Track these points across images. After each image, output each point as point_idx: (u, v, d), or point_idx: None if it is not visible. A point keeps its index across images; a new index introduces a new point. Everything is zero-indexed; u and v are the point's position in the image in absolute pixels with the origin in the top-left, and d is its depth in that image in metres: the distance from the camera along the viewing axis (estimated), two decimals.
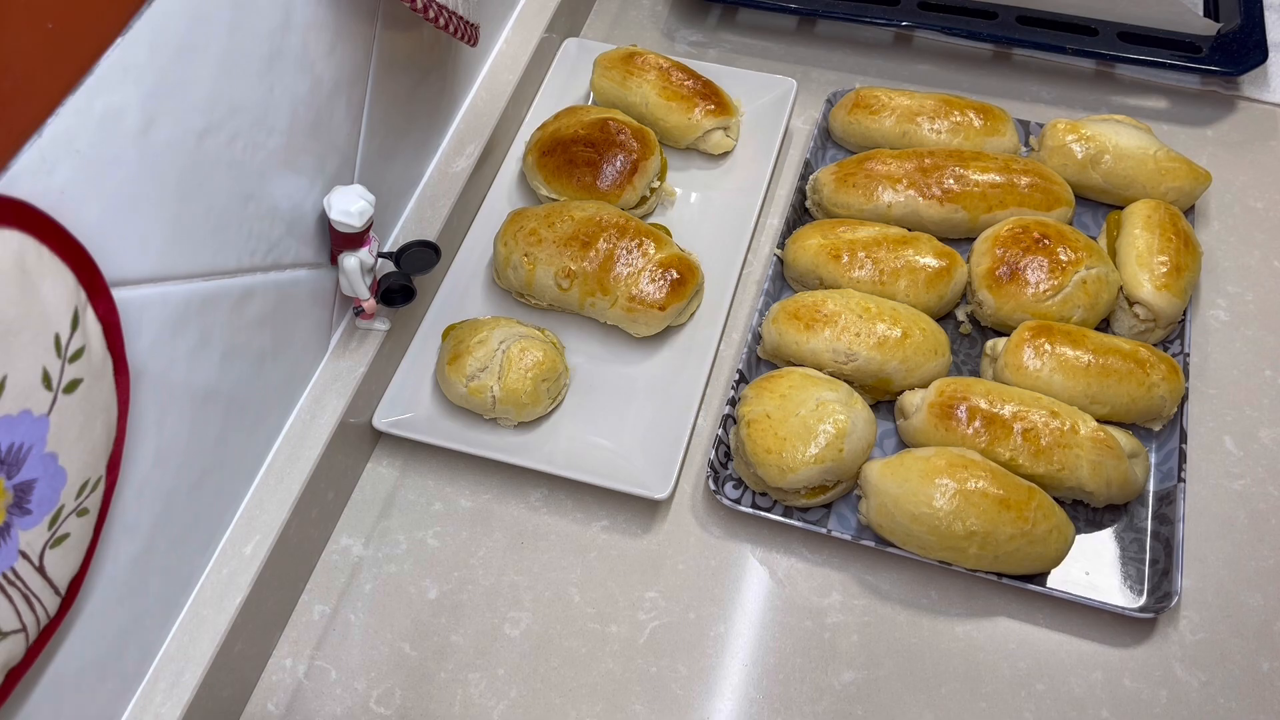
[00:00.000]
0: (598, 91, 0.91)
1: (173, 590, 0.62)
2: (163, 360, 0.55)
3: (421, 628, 0.69)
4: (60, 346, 0.44)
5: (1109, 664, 0.66)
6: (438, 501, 0.75)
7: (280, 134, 0.60)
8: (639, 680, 0.67)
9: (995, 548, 0.65)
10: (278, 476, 0.69)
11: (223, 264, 0.58)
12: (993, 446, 0.69)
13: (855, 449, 0.69)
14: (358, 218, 0.65)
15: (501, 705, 0.66)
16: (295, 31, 0.59)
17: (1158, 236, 0.77)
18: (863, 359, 0.73)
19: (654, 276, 0.77)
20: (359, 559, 0.72)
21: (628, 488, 0.71)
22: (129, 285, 0.51)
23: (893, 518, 0.67)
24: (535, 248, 0.78)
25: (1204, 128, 0.92)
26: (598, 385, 0.78)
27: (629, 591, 0.70)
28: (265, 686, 0.67)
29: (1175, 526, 0.67)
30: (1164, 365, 0.72)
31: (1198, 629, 0.67)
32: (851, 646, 0.67)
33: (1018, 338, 0.73)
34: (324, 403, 0.72)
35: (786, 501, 0.71)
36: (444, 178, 0.83)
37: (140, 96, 0.48)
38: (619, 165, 0.83)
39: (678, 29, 1.03)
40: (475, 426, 0.76)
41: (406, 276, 0.73)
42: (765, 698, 0.66)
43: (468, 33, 0.72)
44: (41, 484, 0.45)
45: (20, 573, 0.45)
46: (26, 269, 0.42)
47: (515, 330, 0.76)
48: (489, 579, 0.71)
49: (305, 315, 0.69)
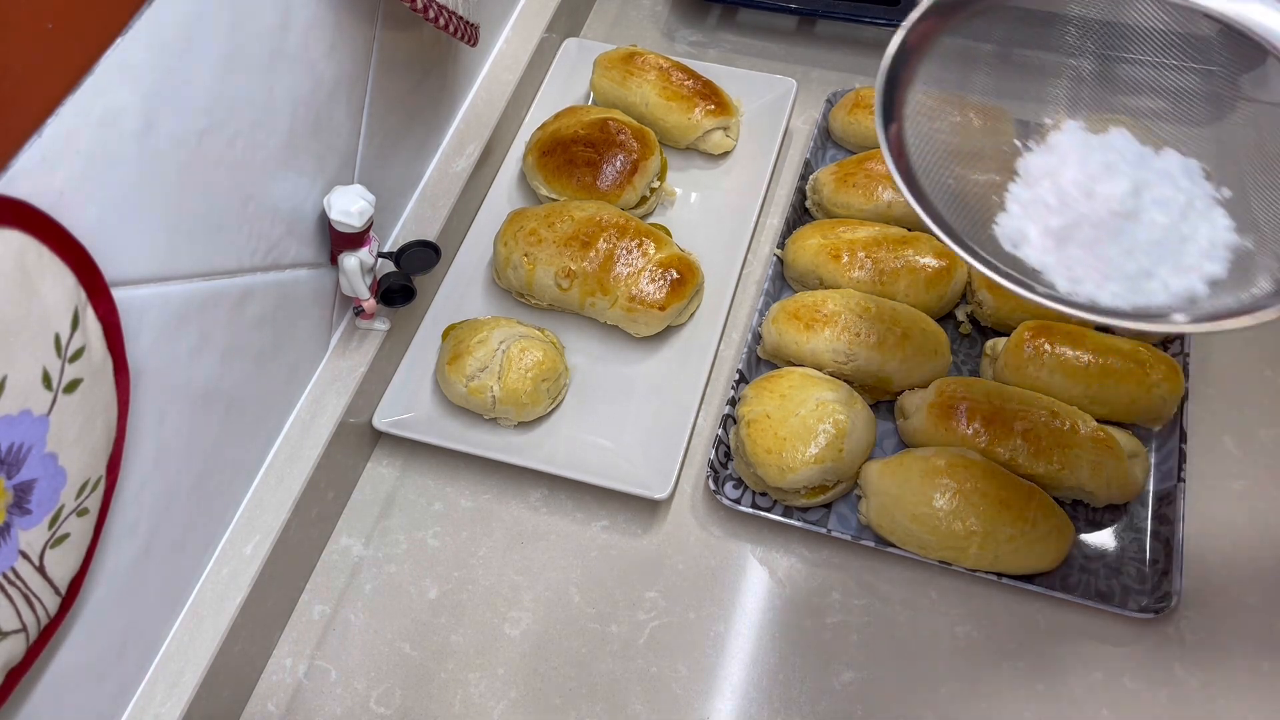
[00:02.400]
0: (598, 91, 0.91)
1: (173, 590, 0.62)
2: (163, 360, 0.55)
3: (421, 628, 0.69)
4: (60, 346, 0.44)
5: (1109, 664, 0.66)
6: (438, 501, 0.75)
7: (280, 134, 0.60)
8: (639, 680, 0.67)
9: (995, 548, 0.65)
10: (278, 476, 0.69)
11: (223, 264, 0.58)
12: (993, 446, 0.69)
13: (855, 449, 0.69)
14: (358, 218, 0.65)
15: (501, 705, 0.66)
16: (295, 31, 0.59)
17: None
18: (863, 359, 0.73)
19: (654, 276, 0.77)
20: (359, 559, 0.72)
21: (628, 488, 0.71)
22: (129, 285, 0.51)
23: (893, 518, 0.67)
24: (535, 248, 0.78)
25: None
26: (598, 385, 0.78)
27: (629, 591, 0.70)
28: (265, 687, 0.67)
29: (1175, 526, 0.67)
30: (1164, 365, 0.72)
31: (1198, 629, 0.67)
32: (851, 646, 0.67)
33: (1018, 338, 0.73)
34: (324, 403, 0.72)
35: (786, 501, 0.71)
36: (444, 178, 0.83)
37: (140, 96, 0.48)
38: (619, 165, 0.83)
39: (678, 29, 1.03)
40: (475, 426, 0.76)
41: (406, 276, 0.73)
42: (765, 698, 0.66)
43: (468, 33, 0.72)
44: (41, 484, 0.45)
45: (20, 573, 0.45)
46: (26, 269, 0.42)
47: (515, 330, 0.76)
48: (489, 579, 0.71)
49: (305, 315, 0.69)
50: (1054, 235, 0.52)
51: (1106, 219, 0.51)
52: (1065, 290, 0.50)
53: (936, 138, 0.54)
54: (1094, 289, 0.50)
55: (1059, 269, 0.51)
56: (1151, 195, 0.52)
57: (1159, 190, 0.52)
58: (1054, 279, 0.51)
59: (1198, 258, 0.51)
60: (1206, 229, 0.52)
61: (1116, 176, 0.53)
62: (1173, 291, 0.50)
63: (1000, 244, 0.53)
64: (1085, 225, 0.51)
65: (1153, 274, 0.50)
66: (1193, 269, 0.50)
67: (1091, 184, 0.53)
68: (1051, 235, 0.52)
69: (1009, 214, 0.54)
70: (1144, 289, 0.50)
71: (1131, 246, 0.51)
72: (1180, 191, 0.52)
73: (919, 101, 0.55)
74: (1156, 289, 0.50)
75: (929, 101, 0.55)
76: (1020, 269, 0.51)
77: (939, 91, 0.55)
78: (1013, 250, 0.52)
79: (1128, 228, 0.51)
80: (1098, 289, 0.50)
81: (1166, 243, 0.51)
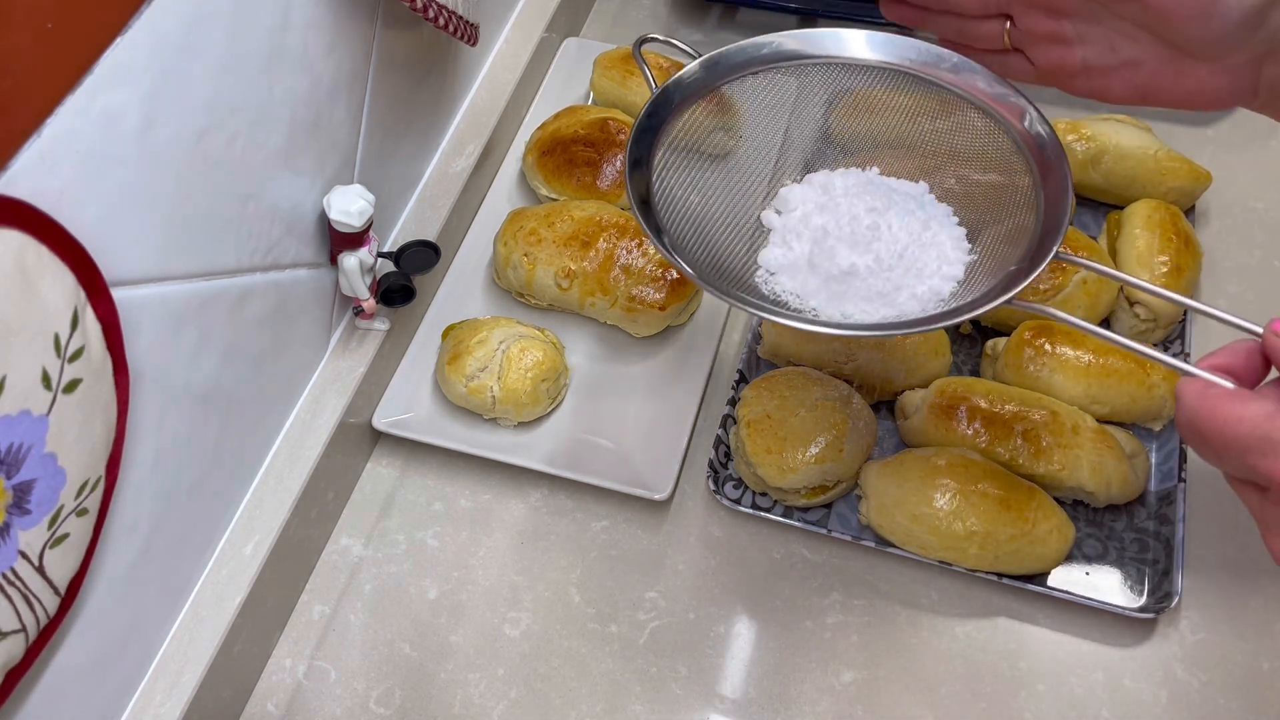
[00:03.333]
0: (598, 91, 0.91)
1: (173, 590, 0.62)
2: (162, 360, 0.55)
3: (421, 628, 0.69)
4: (60, 346, 0.44)
5: (1109, 664, 0.66)
6: (438, 501, 0.75)
7: (280, 134, 0.60)
8: (639, 680, 0.67)
9: (995, 548, 0.65)
10: (277, 477, 0.68)
11: (222, 264, 0.58)
12: (993, 446, 0.69)
13: (855, 449, 0.69)
14: (357, 217, 0.65)
15: (501, 705, 0.66)
16: (295, 31, 0.59)
17: (1158, 236, 0.77)
18: (863, 359, 0.73)
19: (654, 276, 0.77)
20: (359, 559, 0.72)
21: (628, 488, 0.71)
22: (129, 285, 0.51)
23: (893, 518, 0.67)
24: (535, 247, 0.78)
25: (1204, 128, 0.92)
26: (598, 385, 0.78)
27: (629, 591, 0.70)
28: (265, 687, 0.67)
29: (1175, 526, 0.67)
30: None
31: (1198, 629, 0.67)
32: (851, 646, 0.67)
33: (1018, 338, 0.73)
34: (324, 403, 0.72)
35: (786, 501, 0.71)
36: (444, 177, 0.83)
37: (140, 96, 0.48)
38: (619, 165, 0.83)
39: (678, 29, 1.03)
40: (475, 426, 0.76)
41: (406, 276, 0.73)
42: (765, 698, 0.66)
43: (467, 32, 0.72)
44: (41, 484, 0.45)
45: (20, 573, 0.45)
46: (26, 269, 0.42)
47: (515, 330, 0.76)
48: (489, 579, 0.71)
49: (305, 315, 0.69)
50: (807, 261, 0.56)
51: (853, 237, 0.56)
52: (825, 312, 0.55)
53: (688, 201, 0.58)
54: (852, 308, 0.54)
55: (818, 294, 0.55)
56: (892, 215, 0.56)
57: (898, 211, 0.57)
58: (815, 304, 0.55)
59: (939, 264, 0.55)
60: (946, 238, 0.56)
61: (860, 200, 0.57)
62: (920, 297, 0.54)
63: (760, 285, 0.57)
64: (836, 246, 0.56)
65: (901, 286, 0.54)
66: (934, 275, 0.55)
67: (836, 212, 0.57)
68: (805, 262, 0.56)
69: (769, 245, 0.58)
70: (895, 301, 0.54)
71: (878, 263, 0.55)
72: (918, 211, 0.57)
73: (664, 167, 0.58)
74: (905, 299, 0.54)
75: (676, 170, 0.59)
76: (784, 304, 0.55)
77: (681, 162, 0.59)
78: (771, 279, 0.57)
79: (873, 245, 0.55)
80: (855, 307, 0.54)
81: (909, 257, 0.55)
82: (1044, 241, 0.53)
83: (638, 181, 0.56)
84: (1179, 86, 0.54)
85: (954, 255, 0.56)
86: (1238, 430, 0.40)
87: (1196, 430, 0.42)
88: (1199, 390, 0.42)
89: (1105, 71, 0.55)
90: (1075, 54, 0.56)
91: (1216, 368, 0.43)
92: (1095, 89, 0.57)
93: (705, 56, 0.60)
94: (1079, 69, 0.56)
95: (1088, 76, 0.56)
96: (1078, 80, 0.57)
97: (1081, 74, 0.56)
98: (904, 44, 0.60)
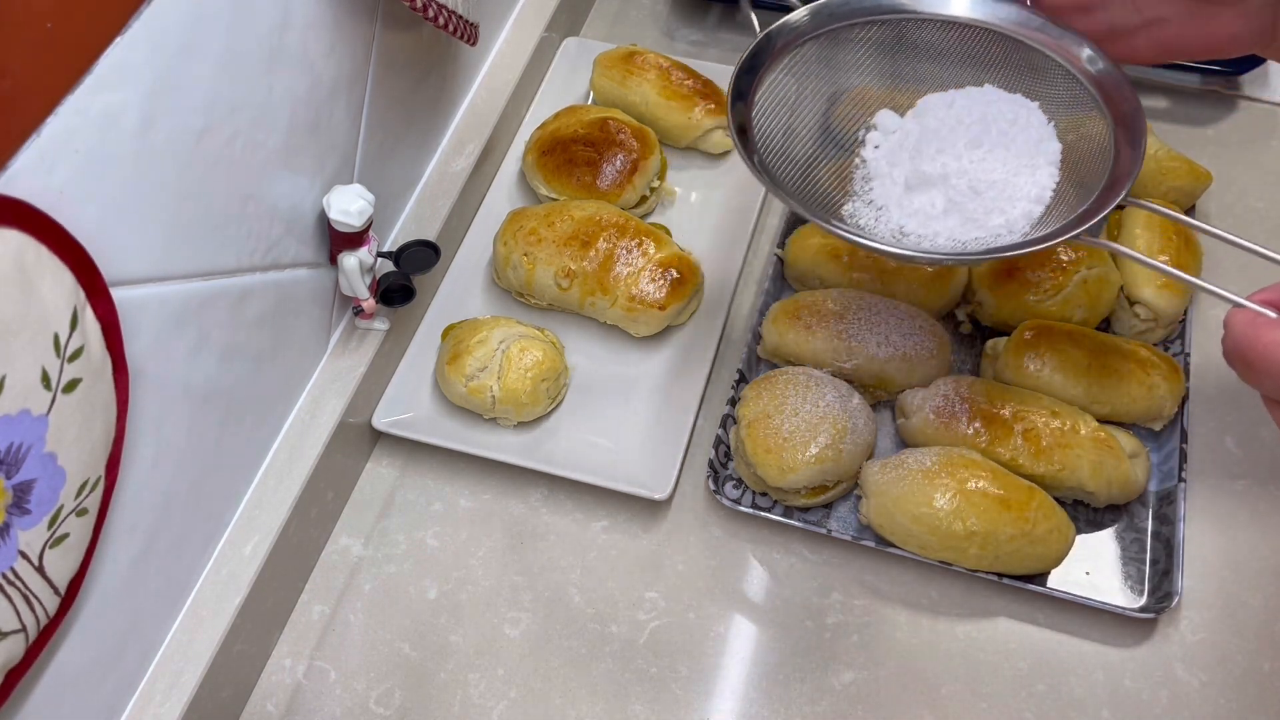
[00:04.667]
0: (598, 91, 0.91)
1: (173, 590, 0.62)
2: (162, 360, 0.55)
3: (421, 628, 0.69)
4: (59, 346, 0.44)
5: (1109, 664, 0.66)
6: (438, 501, 0.75)
7: (280, 134, 0.60)
8: (639, 680, 0.67)
9: (995, 548, 0.65)
10: (277, 476, 0.68)
11: (222, 264, 0.58)
12: (993, 446, 0.69)
13: (855, 449, 0.69)
14: (357, 217, 0.65)
15: (501, 705, 0.66)
16: (295, 31, 0.59)
17: (1158, 236, 0.77)
18: (863, 359, 0.73)
19: (654, 276, 0.77)
20: (359, 559, 0.72)
21: (628, 488, 0.71)
22: (128, 285, 0.51)
23: (893, 518, 0.67)
24: (535, 247, 0.78)
25: (1204, 127, 0.92)
26: (598, 385, 0.78)
27: (629, 591, 0.70)
28: (265, 686, 0.67)
29: (1176, 526, 0.67)
30: (1164, 365, 0.72)
31: (1198, 629, 0.67)
32: (851, 646, 0.67)
33: (1018, 338, 0.73)
34: (323, 403, 0.72)
35: (786, 501, 0.71)
36: (443, 177, 0.83)
37: (139, 96, 0.48)
38: (619, 165, 0.83)
39: (678, 28, 1.03)
40: (475, 426, 0.76)
41: (406, 276, 0.73)
42: (765, 698, 0.66)
43: (467, 32, 0.72)
44: (41, 484, 0.45)
45: (20, 573, 0.45)
46: (25, 269, 0.42)
47: (515, 330, 0.76)
48: (489, 579, 0.71)
49: (304, 315, 0.69)
50: (906, 178, 0.59)
51: (960, 146, 0.58)
52: (914, 231, 0.57)
53: (791, 124, 0.62)
54: (939, 227, 0.57)
55: (910, 214, 0.58)
56: (998, 127, 0.59)
57: (999, 131, 0.59)
58: (903, 221, 0.58)
59: (1032, 187, 0.58)
60: (1044, 160, 0.59)
61: (967, 111, 0.60)
62: (1010, 220, 0.57)
63: (848, 216, 0.59)
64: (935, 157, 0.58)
65: (993, 210, 0.57)
66: (1025, 198, 0.57)
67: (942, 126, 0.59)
68: (904, 177, 0.59)
69: (865, 150, 0.61)
70: (986, 225, 0.56)
71: (978, 183, 0.57)
72: (1020, 135, 0.59)
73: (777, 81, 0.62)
74: (997, 222, 0.57)
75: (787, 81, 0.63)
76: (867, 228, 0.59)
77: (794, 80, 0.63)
78: (866, 186, 0.60)
79: (969, 164, 0.58)
80: (942, 226, 0.57)
81: (1002, 183, 0.58)
82: (1114, 185, 0.55)
83: (738, 111, 0.60)
84: (1204, 36, 0.55)
85: (1047, 180, 0.58)
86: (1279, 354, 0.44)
87: (1242, 354, 0.47)
88: (1248, 319, 0.47)
89: (1131, 32, 0.57)
90: (1100, 19, 0.58)
91: (1266, 301, 0.48)
92: (1121, 52, 0.59)
93: (811, 4, 0.63)
94: (1105, 33, 0.58)
95: (1113, 40, 0.58)
96: (1104, 46, 0.59)
97: (1107, 38, 0.58)
98: (1004, 7, 0.62)
